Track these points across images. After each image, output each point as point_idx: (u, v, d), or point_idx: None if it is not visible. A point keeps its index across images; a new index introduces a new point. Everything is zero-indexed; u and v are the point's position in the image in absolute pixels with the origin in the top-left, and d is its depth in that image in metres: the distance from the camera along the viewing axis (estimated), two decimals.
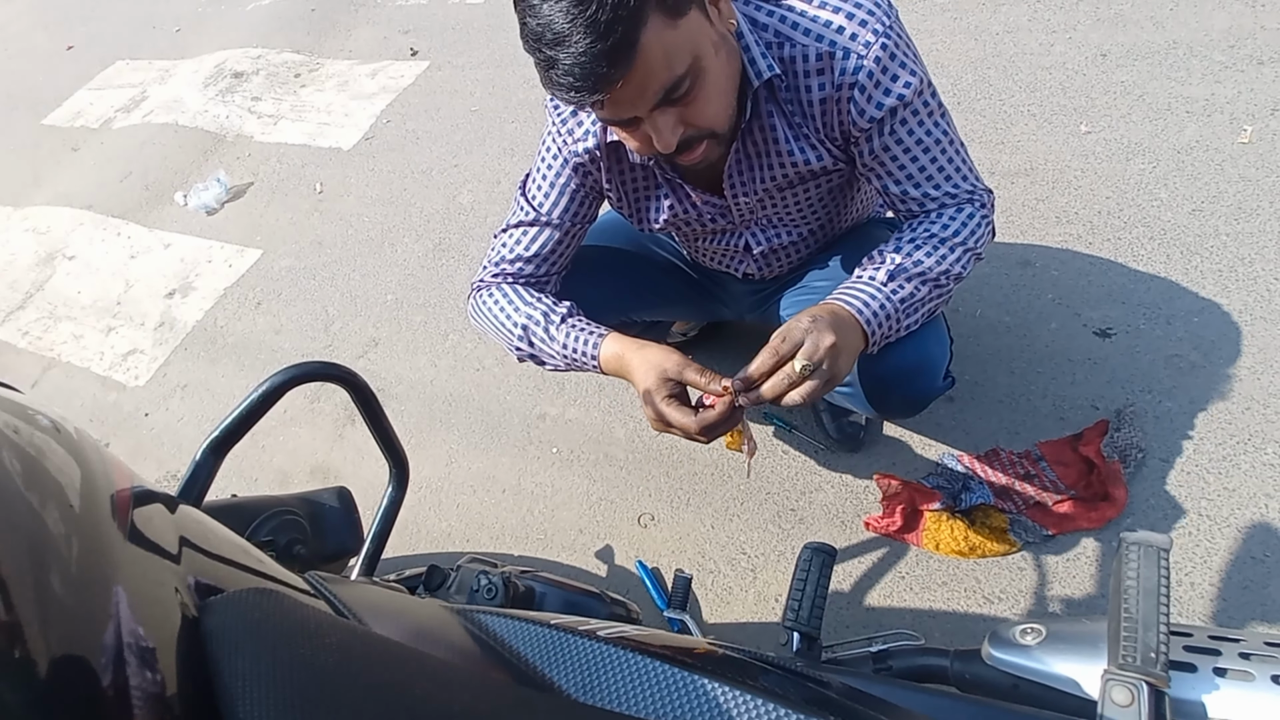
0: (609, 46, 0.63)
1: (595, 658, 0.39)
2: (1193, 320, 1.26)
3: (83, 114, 3.02)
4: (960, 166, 0.84)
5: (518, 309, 0.92)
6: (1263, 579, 1.00)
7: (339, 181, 2.26)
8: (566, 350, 0.89)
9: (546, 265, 0.95)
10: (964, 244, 0.82)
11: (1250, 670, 0.46)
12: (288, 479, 1.57)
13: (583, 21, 0.62)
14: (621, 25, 0.63)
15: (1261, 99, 1.52)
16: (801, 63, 0.78)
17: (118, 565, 0.28)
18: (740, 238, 0.98)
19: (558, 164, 0.91)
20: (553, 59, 0.64)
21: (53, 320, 2.16)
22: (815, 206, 0.95)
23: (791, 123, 0.83)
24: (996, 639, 0.56)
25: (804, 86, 0.79)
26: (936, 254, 0.81)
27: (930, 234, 0.82)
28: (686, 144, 0.74)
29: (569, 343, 0.88)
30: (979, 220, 0.84)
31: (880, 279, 0.80)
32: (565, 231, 0.94)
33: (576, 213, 0.94)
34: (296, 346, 1.83)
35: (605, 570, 1.27)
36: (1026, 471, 1.16)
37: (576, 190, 0.92)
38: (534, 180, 0.94)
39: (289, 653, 0.28)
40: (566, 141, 0.88)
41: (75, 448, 0.33)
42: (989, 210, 0.86)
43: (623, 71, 0.65)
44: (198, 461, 0.58)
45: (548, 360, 0.92)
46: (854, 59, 0.76)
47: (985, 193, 0.86)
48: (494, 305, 0.94)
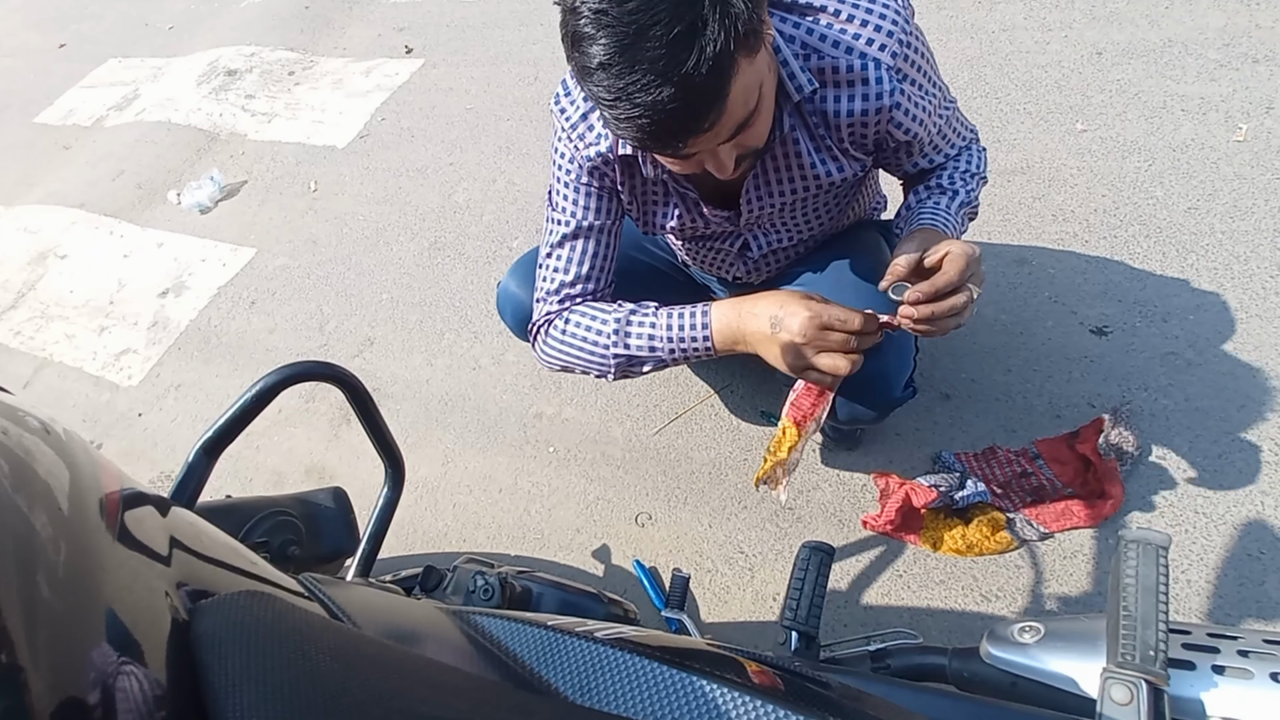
0: (702, 101, 0.61)
1: (593, 659, 0.39)
2: (1189, 318, 1.27)
3: (75, 112, 3.00)
4: (959, 123, 0.91)
5: (604, 320, 0.88)
6: (1259, 575, 1.00)
7: (333, 180, 2.25)
8: (672, 332, 0.84)
9: (602, 274, 0.94)
10: (980, 174, 0.93)
11: (1249, 668, 0.46)
12: (283, 480, 1.56)
13: (676, 76, 0.59)
14: (716, 78, 0.60)
15: (1256, 97, 1.52)
16: (831, 74, 0.77)
17: (106, 568, 0.28)
18: (739, 239, 0.98)
19: (575, 169, 0.89)
20: (634, 115, 0.61)
21: (45, 320, 2.15)
22: (821, 214, 0.95)
23: (814, 134, 0.82)
24: (995, 637, 0.55)
25: (831, 98, 0.78)
26: (971, 185, 0.91)
27: (969, 170, 0.92)
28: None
29: (673, 323, 0.84)
30: (983, 155, 0.95)
31: (945, 205, 0.87)
32: (606, 231, 0.93)
33: (610, 210, 0.92)
34: (291, 346, 1.82)
35: (603, 570, 1.27)
36: (1023, 469, 1.17)
37: (600, 190, 0.90)
38: (557, 192, 0.92)
39: (280, 657, 0.27)
40: (578, 147, 0.87)
41: (64, 449, 0.32)
42: (980, 145, 0.96)
43: (713, 123, 0.63)
44: (191, 462, 0.57)
45: (648, 359, 0.88)
46: (884, 72, 0.76)
47: (976, 133, 0.96)
48: (576, 327, 0.90)
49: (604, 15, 0.59)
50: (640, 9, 0.58)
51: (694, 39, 0.58)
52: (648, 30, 0.58)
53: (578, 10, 0.60)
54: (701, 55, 0.58)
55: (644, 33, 0.58)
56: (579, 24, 0.60)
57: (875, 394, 0.92)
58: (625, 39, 0.58)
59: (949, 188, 0.90)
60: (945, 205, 0.88)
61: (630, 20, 0.58)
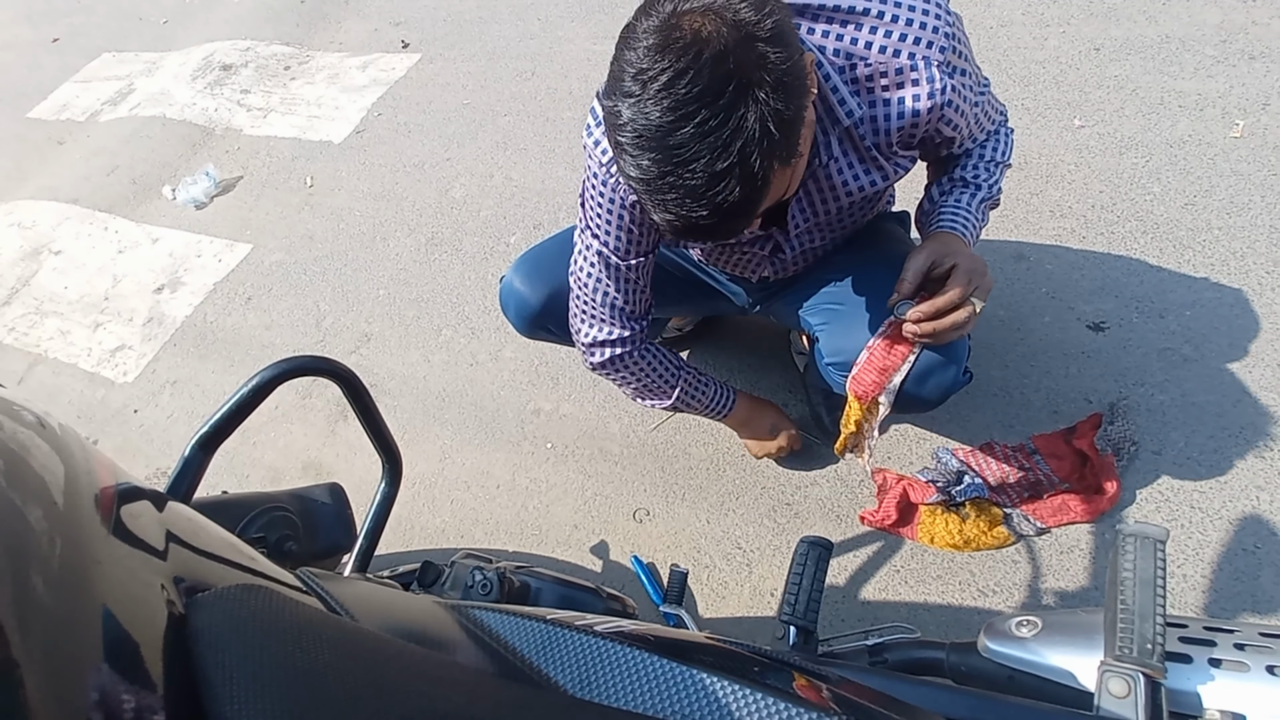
0: (736, 217, 0.61)
1: (591, 653, 0.38)
2: (1185, 314, 1.27)
3: (68, 107, 2.98)
4: (991, 107, 0.90)
5: (669, 381, 1.06)
6: (1254, 570, 1.01)
7: (330, 175, 2.24)
8: (703, 405, 1.12)
9: (646, 298, 0.99)
10: (1006, 162, 0.94)
11: (1245, 661, 0.46)
12: (280, 476, 1.56)
13: (713, 204, 0.59)
14: (753, 197, 0.60)
15: (1253, 93, 1.52)
16: (879, 79, 0.76)
17: (102, 563, 0.27)
18: (771, 242, 0.97)
19: (615, 208, 0.87)
20: (666, 219, 0.62)
21: (39, 316, 2.14)
22: (857, 217, 0.96)
23: (860, 149, 0.81)
24: (992, 631, 0.56)
25: (881, 103, 0.77)
26: (995, 175, 0.92)
27: (994, 159, 0.92)
28: None
29: (705, 400, 1.12)
30: (1011, 138, 0.95)
31: (974, 208, 0.88)
32: (648, 258, 0.94)
33: (651, 244, 0.92)
34: (288, 342, 1.82)
35: (601, 565, 1.27)
36: (1020, 465, 1.17)
37: (641, 225, 0.89)
38: (595, 223, 0.90)
39: (278, 650, 0.27)
40: (618, 182, 0.84)
41: (59, 444, 0.32)
42: (1009, 126, 0.96)
43: (744, 228, 0.64)
44: (186, 458, 0.57)
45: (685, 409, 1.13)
46: (935, 70, 0.75)
47: (1005, 113, 0.95)
48: (648, 368, 1.04)
49: (647, 141, 0.59)
50: (683, 145, 0.57)
51: (733, 174, 0.58)
52: (688, 164, 0.58)
53: (622, 127, 0.60)
54: (738, 189, 0.59)
55: (685, 165, 0.58)
56: (621, 139, 0.61)
57: (936, 380, 0.92)
58: (666, 166, 0.59)
59: (972, 180, 0.90)
60: (966, 202, 0.89)
61: (673, 153, 0.58)
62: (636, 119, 0.59)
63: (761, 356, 1.44)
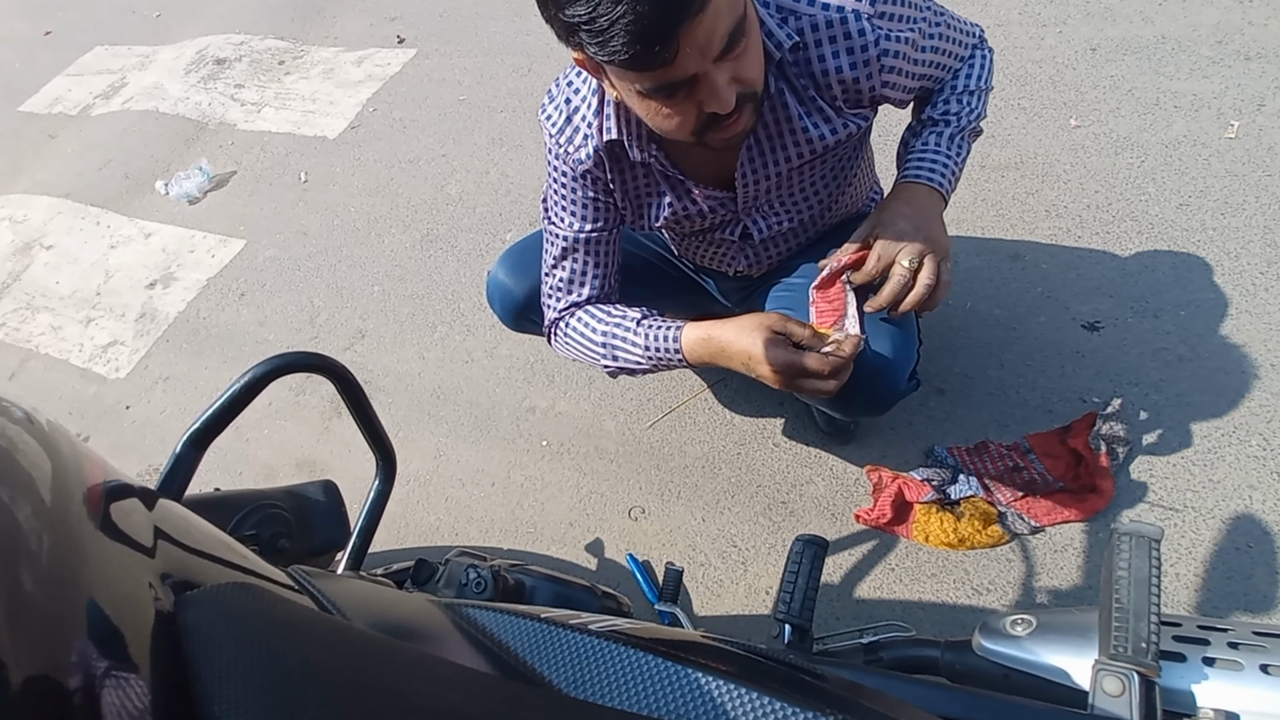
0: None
1: (586, 651, 0.38)
2: (1180, 314, 1.28)
3: (61, 101, 2.96)
4: (955, 38, 0.88)
5: (595, 330, 0.94)
6: (1247, 569, 1.01)
7: (324, 171, 2.23)
8: (650, 351, 0.90)
9: (603, 280, 0.96)
10: (986, 87, 0.91)
11: (1239, 659, 0.46)
12: (273, 473, 1.55)
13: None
14: None
15: (1248, 94, 1.53)
16: (810, 32, 0.76)
17: (89, 560, 0.27)
18: (739, 226, 0.97)
19: (569, 181, 0.89)
20: (617, 15, 0.59)
21: (30, 311, 2.12)
22: (819, 187, 0.94)
23: (804, 98, 0.81)
24: (987, 630, 0.56)
25: (815, 58, 0.77)
26: (969, 105, 0.89)
27: (966, 89, 0.89)
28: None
29: (650, 343, 0.90)
30: (987, 61, 0.92)
31: (944, 145, 0.87)
32: (604, 240, 0.94)
33: (606, 218, 0.92)
34: (281, 339, 1.81)
35: (596, 564, 1.27)
36: (1015, 464, 1.17)
37: (596, 199, 0.90)
38: (553, 204, 0.93)
39: (269, 649, 0.27)
40: (568, 153, 0.86)
41: (47, 440, 0.32)
42: (987, 47, 0.92)
43: (700, 6, 0.60)
44: (178, 454, 0.56)
45: (635, 367, 0.94)
46: (865, 22, 0.75)
47: (980, 34, 0.92)
48: (575, 334, 0.96)
49: None
50: None
51: None
52: None
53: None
54: None
55: None
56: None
57: (879, 387, 0.91)
58: None
59: (940, 118, 0.90)
60: (935, 144, 0.88)
61: None
62: None
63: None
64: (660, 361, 0.91)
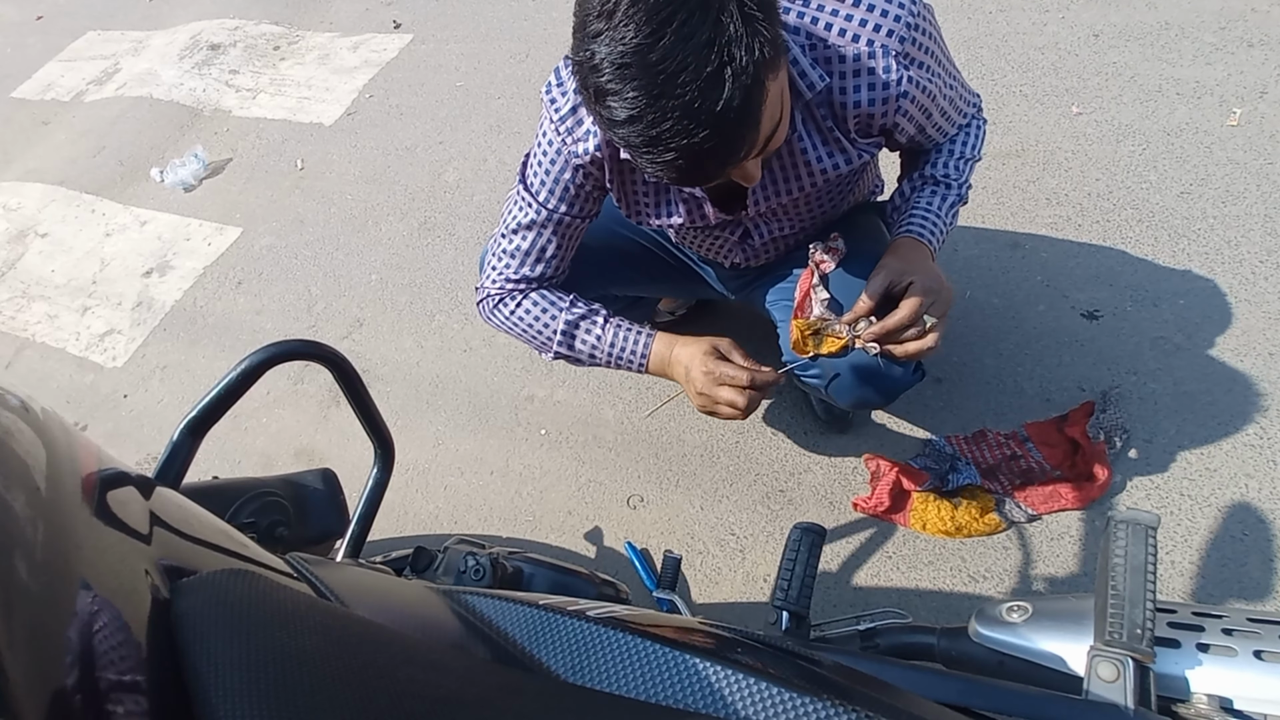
0: (737, 134, 0.59)
1: (584, 638, 0.38)
2: (1179, 303, 1.27)
3: (53, 87, 2.93)
4: (961, 100, 0.89)
5: (554, 315, 0.94)
6: (1242, 556, 1.02)
7: (320, 158, 2.21)
8: (614, 349, 0.93)
9: (557, 262, 0.95)
10: (976, 157, 0.93)
11: (1233, 646, 0.47)
12: (271, 462, 1.55)
13: (710, 117, 0.57)
14: (749, 108, 0.58)
15: (1251, 81, 1.52)
16: (838, 64, 0.75)
17: (85, 548, 0.27)
18: (740, 228, 0.96)
19: (560, 160, 0.86)
20: (669, 159, 0.59)
21: (26, 300, 2.11)
22: (825, 205, 0.94)
23: (823, 129, 0.80)
24: (983, 617, 0.56)
25: (838, 89, 0.77)
26: (964, 172, 0.92)
27: (964, 155, 0.92)
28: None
29: (616, 341, 0.92)
30: (982, 131, 0.95)
31: (944, 213, 0.88)
32: (572, 228, 0.93)
33: (581, 209, 0.91)
34: (279, 327, 1.80)
35: (594, 551, 1.27)
36: (1013, 452, 1.17)
37: (580, 188, 0.89)
38: (534, 172, 0.90)
39: (266, 636, 0.27)
40: (566, 141, 0.84)
41: (42, 428, 0.31)
42: (983, 117, 0.96)
43: (748, 152, 0.61)
44: (175, 442, 0.56)
45: (585, 359, 0.96)
46: (892, 59, 0.74)
47: (979, 104, 0.95)
48: (526, 313, 0.95)
49: (628, 69, 0.56)
50: (666, 57, 0.55)
51: (724, 76, 0.56)
52: (677, 77, 0.56)
53: (598, 68, 0.58)
54: (734, 90, 0.57)
55: (673, 80, 0.56)
56: (601, 80, 0.58)
57: (883, 376, 0.91)
58: (654, 89, 0.56)
59: (942, 179, 0.90)
60: (937, 206, 0.89)
61: (658, 70, 0.56)
62: (612, 49, 0.57)
63: (756, 343, 1.44)
64: (617, 361, 0.94)
